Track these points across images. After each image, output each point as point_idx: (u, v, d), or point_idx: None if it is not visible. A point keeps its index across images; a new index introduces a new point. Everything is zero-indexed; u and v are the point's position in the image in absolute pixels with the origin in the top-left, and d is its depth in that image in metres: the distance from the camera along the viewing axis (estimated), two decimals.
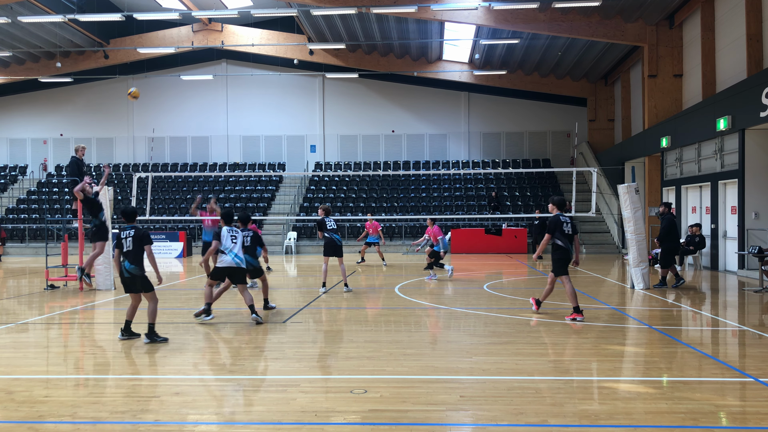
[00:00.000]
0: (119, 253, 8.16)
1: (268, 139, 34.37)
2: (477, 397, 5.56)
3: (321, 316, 10.05)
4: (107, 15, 25.00)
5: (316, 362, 6.92)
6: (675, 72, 22.03)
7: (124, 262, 8.06)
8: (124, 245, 8.05)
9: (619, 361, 7.05)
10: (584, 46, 26.10)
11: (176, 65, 33.76)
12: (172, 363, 6.93)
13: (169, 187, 32.10)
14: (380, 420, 4.94)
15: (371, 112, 33.91)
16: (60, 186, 31.99)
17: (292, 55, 31.04)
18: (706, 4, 19.69)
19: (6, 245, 26.54)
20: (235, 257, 9.37)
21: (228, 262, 9.34)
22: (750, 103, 15.18)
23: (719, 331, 8.91)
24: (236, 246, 9.43)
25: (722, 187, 17.47)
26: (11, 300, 12.46)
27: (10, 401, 5.50)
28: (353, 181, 32.21)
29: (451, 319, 9.72)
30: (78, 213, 13.42)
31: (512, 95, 32.89)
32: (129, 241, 8.04)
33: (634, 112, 27.48)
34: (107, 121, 34.84)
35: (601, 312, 10.21)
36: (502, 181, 31.56)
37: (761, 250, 12.90)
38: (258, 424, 4.91)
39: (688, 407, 5.20)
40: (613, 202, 26.05)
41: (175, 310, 10.84)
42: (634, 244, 13.15)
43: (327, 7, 21.72)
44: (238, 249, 9.45)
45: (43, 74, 32.18)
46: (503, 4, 21.34)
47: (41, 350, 7.77)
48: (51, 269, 14.16)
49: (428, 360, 6.95)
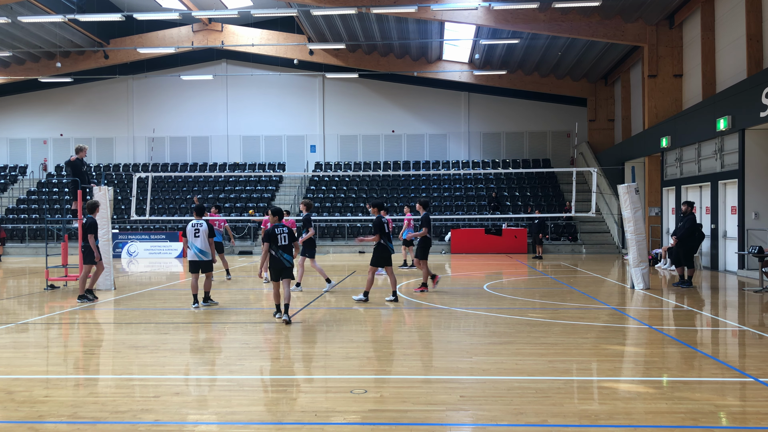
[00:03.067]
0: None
1: (268, 139, 34.37)
2: (477, 397, 5.56)
3: (321, 316, 10.05)
4: (107, 15, 25.00)
5: (316, 362, 6.92)
6: (675, 72, 22.03)
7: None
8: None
9: (619, 361, 7.05)
10: (584, 46, 26.10)
11: (176, 65, 33.77)
12: (172, 363, 6.93)
13: (169, 187, 32.10)
14: (380, 420, 4.94)
15: (371, 112, 33.91)
16: (60, 186, 32.00)
17: (292, 55, 31.04)
18: (706, 4, 19.69)
19: (6, 245, 26.55)
20: (198, 251, 10.62)
21: (191, 255, 10.69)
22: (750, 103, 15.18)
23: (719, 331, 8.91)
24: (198, 240, 10.61)
25: (722, 187, 17.46)
26: (11, 300, 12.46)
27: (10, 401, 5.49)
28: (353, 181, 32.21)
29: (451, 319, 9.72)
30: (78, 213, 13.44)
31: (512, 95, 32.89)
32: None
33: (634, 112, 27.48)
34: (107, 121, 34.84)
35: (601, 312, 10.21)
36: (502, 181, 31.56)
37: (761, 250, 12.90)
38: (258, 424, 4.91)
39: (688, 407, 5.20)
40: (613, 202, 26.05)
41: (175, 310, 10.85)
42: (634, 244, 13.15)
43: (327, 7, 21.72)
44: (200, 243, 10.61)
45: (43, 74, 32.18)
46: (503, 4, 21.33)
47: (41, 350, 7.77)
48: (51, 269, 14.16)
49: (428, 360, 6.95)
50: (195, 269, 10.76)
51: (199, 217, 10.86)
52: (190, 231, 10.68)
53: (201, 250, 10.64)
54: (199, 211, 10.95)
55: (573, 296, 12.18)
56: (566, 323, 9.09)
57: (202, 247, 10.64)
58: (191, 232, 10.66)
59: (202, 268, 10.75)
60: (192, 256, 10.72)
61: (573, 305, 10.91)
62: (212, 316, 10.02)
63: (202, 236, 10.64)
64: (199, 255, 10.66)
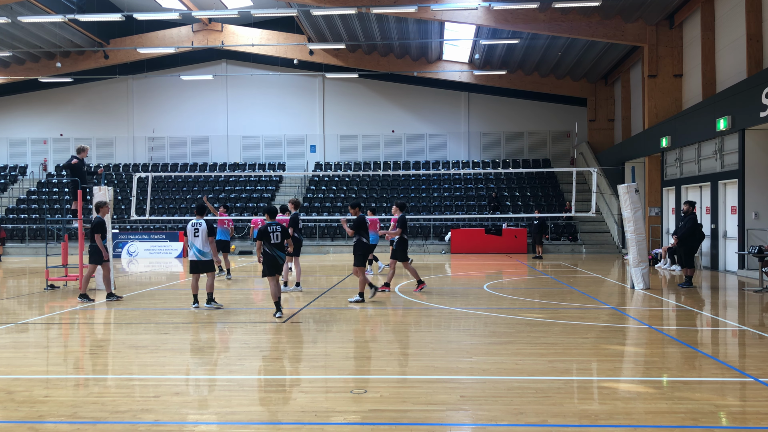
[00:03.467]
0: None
1: (268, 139, 34.37)
2: (477, 397, 5.56)
3: (321, 316, 10.04)
4: (107, 15, 25.01)
5: (316, 362, 6.92)
6: (675, 72, 22.03)
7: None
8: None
9: (619, 361, 7.05)
10: (584, 46, 26.10)
11: (176, 65, 33.77)
12: (172, 363, 6.93)
13: (169, 187, 32.11)
14: (380, 420, 4.94)
15: (371, 112, 33.91)
16: (60, 186, 32.00)
17: (292, 55, 31.04)
18: (706, 4, 19.69)
19: (6, 245, 26.55)
20: (197, 251, 10.55)
21: (190, 255, 10.62)
22: (750, 103, 15.18)
23: (719, 331, 8.91)
24: (198, 240, 10.51)
25: (722, 187, 17.46)
26: (11, 300, 12.46)
27: (10, 401, 5.49)
28: (353, 181, 32.21)
29: (451, 319, 9.72)
30: (78, 213, 13.44)
31: (512, 95, 32.89)
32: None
33: (634, 112, 27.48)
34: (107, 121, 34.84)
35: (601, 312, 10.21)
36: (502, 181, 31.56)
37: (761, 250, 12.90)
38: (258, 424, 4.91)
39: (688, 407, 5.20)
40: (613, 202, 26.05)
41: (175, 310, 10.84)
42: (634, 244, 13.15)
43: (327, 7, 21.72)
44: (200, 243, 10.51)
45: (43, 74, 32.18)
46: (503, 4, 21.33)
47: (41, 350, 7.77)
48: (51, 269, 14.16)
49: (428, 360, 6.95)
50: (195, 269, 10.69)
51: (200, 216, 10.74)
52: (189, 230, 10.60)
53: (200, 250, 10.57)
54: (200, 210, 10.81)
55: (573, 296, 12.18)
56: (566, 323, 9.09)
57: (201, 247, 10.55)
58: (191, 232, 10.58)
59: (202, 268, 10.67)
60: (191, 256, 10.67)
61: (573, 305, 10.92)
62: (212, 316, 10.02)
63: (201, 236, 10.55)
64: (198, 255, 10.58)
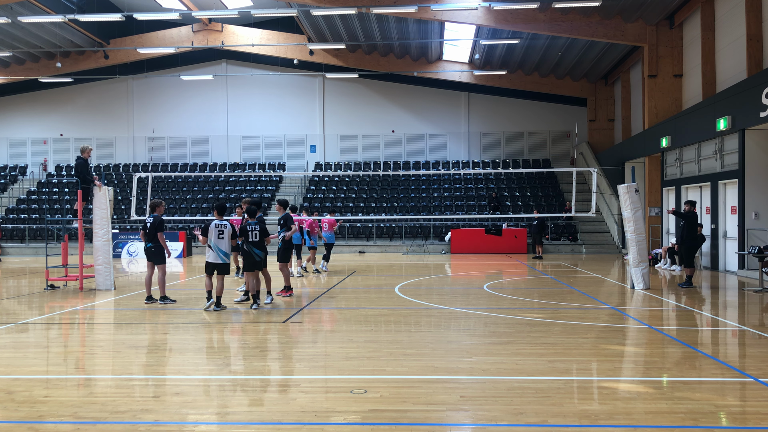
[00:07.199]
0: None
1: (268, 139, 34.37)
2: (477, 397, 5.56)
3: (321, 316, 10.05)
4: (107, 15, 25.00)
5: (316, 362, 6.92)
6: (675, 72, 22.02)
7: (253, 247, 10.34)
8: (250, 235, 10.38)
9: (619, 361, 7.05)
10: (584, 46, 26.10)
11: (176, 65, 33.76)
12: (172, 363, 6.93)
13: (169, 187, 32.11)
14: (380, 420, 4.94)
15: (371, 112, 33.90)
16: (60, 186, 32.00)
17: (292, 55, 31.03)
18: (706, 5, 19.69)
19: (6, 245, 26.55)
20: (222, 253, 10.30)
21: (212, 257, 10.33)
22: (750, 103, 15.18)
23: (719, 331, 8.91)
24: (222, 242, 10.26)
25: (722, 187, 17.46)
26: (11, 300, 12.46)
27: (10, 401, 5.49)
28: (353, 181, 32.21)
29: (451, 319, 9.72)
30: (78, 213, 13.44)
31: (512, 95, 32.88)
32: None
33: (634, 112, 27.47)
34: (107, 121, 34.83)
35: (601, 312, 10.21)
36: (502, 182, 31.56)
37: (761, 250, 12.90)
38: (258, 424, 4.91)
39: (688, 407, 5.20)
40: (613, 202, 26.05)
41: (176, 310, 10.84)
42: (634, 244, 13.15)
43: (327, 7, 21.72)
44: (224, 245, 10.30)
45: (43, 74, 32.17)
46: (503, 4, 21.33)
47: (41, 350, 7.77)
48: (51, 269, 14.16)
49: (428, 360, 6.95)
50: (211, 271, 10.30)
51: (221, 216, 10.36)
52: (213, 231, 10.17)
53: (225, 252, 10.25)
54: (220, 210, 10.36)
55: (573, 296, 12.18)
56: (566, 323, 9.09)
57: (226, 249, 10.25)
58: (215, 233, 10.16)
59: (218, 270, 10.28)
60: (214, 258, 10.20)
61: (573, 305, 10.92)
62: (212, 315, 10.02)
63: (226, 238, 10.21)
64: (222, 257, 10.21)
